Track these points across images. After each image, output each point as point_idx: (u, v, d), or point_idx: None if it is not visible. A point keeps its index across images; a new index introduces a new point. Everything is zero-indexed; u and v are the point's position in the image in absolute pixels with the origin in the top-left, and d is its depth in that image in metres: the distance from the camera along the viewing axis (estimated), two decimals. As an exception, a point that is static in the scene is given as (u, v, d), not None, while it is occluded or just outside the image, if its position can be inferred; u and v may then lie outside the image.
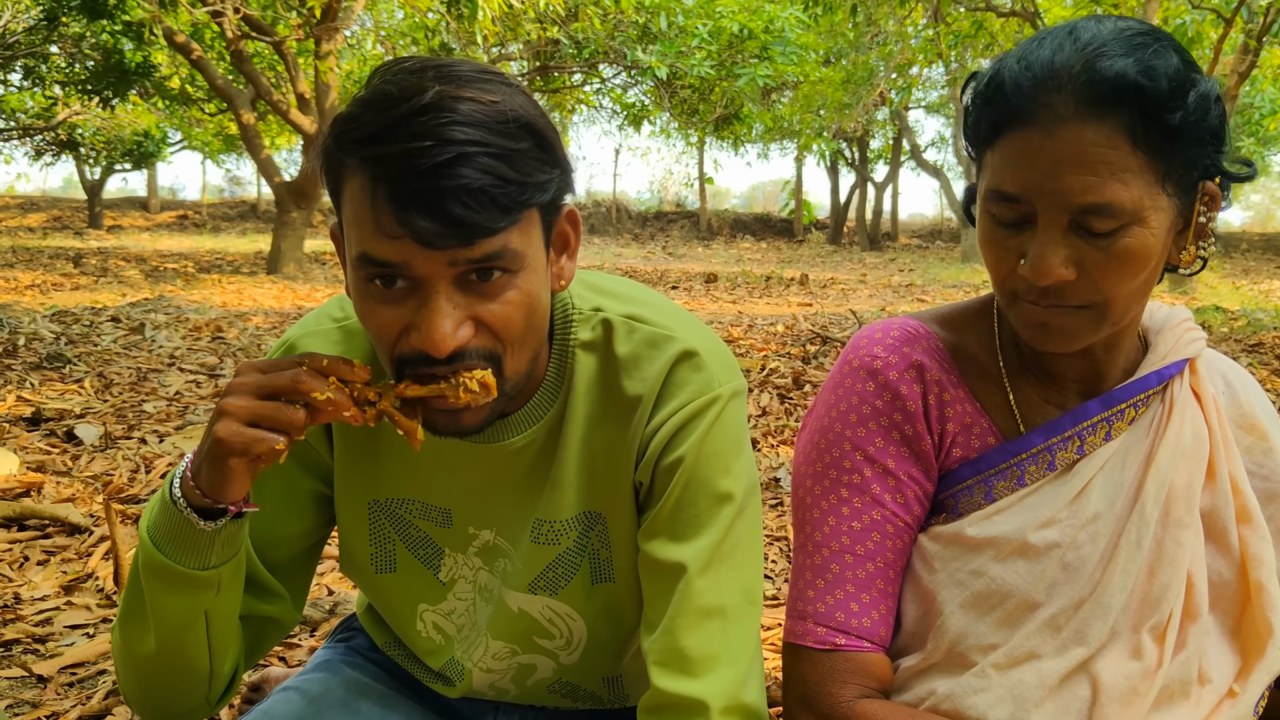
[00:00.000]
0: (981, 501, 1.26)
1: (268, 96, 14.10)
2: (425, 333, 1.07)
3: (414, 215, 1.02)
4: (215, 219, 33.74)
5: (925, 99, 31.86)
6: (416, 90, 1.04)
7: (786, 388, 6.29)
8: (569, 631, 1.39)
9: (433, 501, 1.36)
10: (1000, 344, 1.31)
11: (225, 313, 10.14)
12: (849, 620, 1.23)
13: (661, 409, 1.26)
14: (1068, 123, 1.06)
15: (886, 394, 1.26)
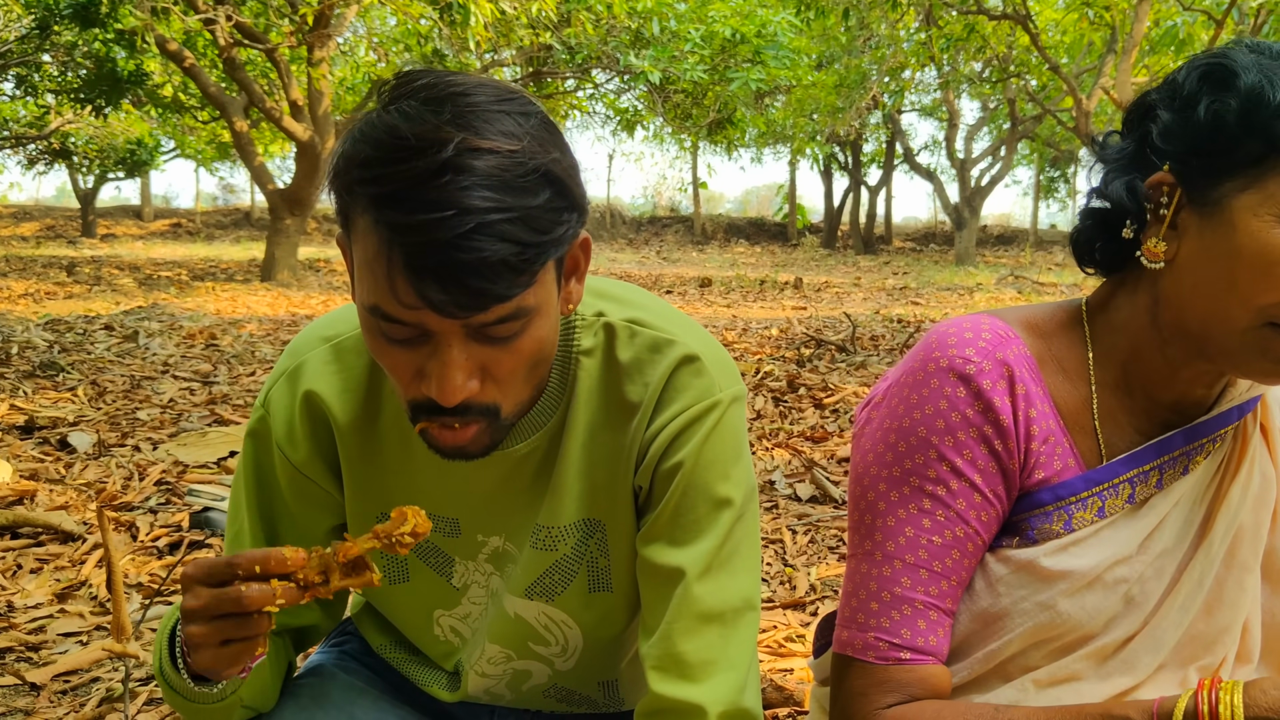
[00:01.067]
0: (1060, 530, 1.18)
1: (261, 104, 14.10)
2: (436, 384, 1.06)
3: (430, 287, 1.00)
4: (209, 227, 33.74)
5: (918, 102, 31.90)
6: (434, 141, 0.98)
7: (781, 391, 6.30)
8: (565, 639, 1.39)
9: (440, 512, 1.35)
10: (1094, 360, 1.22)
11: (219, 320, 10.13)
12: (915, 638, 1.16)
13: (661, 413, 1.26)
14: None
15: (979, 403, 1.15)
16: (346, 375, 1.31)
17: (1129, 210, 1.15)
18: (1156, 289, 1.14)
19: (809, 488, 4.21)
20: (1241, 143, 1.05)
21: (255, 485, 1.36)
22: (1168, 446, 1.18)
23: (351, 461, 1.34)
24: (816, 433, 5.21)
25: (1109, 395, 1.22)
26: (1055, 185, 40.62)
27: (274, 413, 1.33)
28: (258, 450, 1.35)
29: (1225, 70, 1.07)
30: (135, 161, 26.50)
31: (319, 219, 32.60)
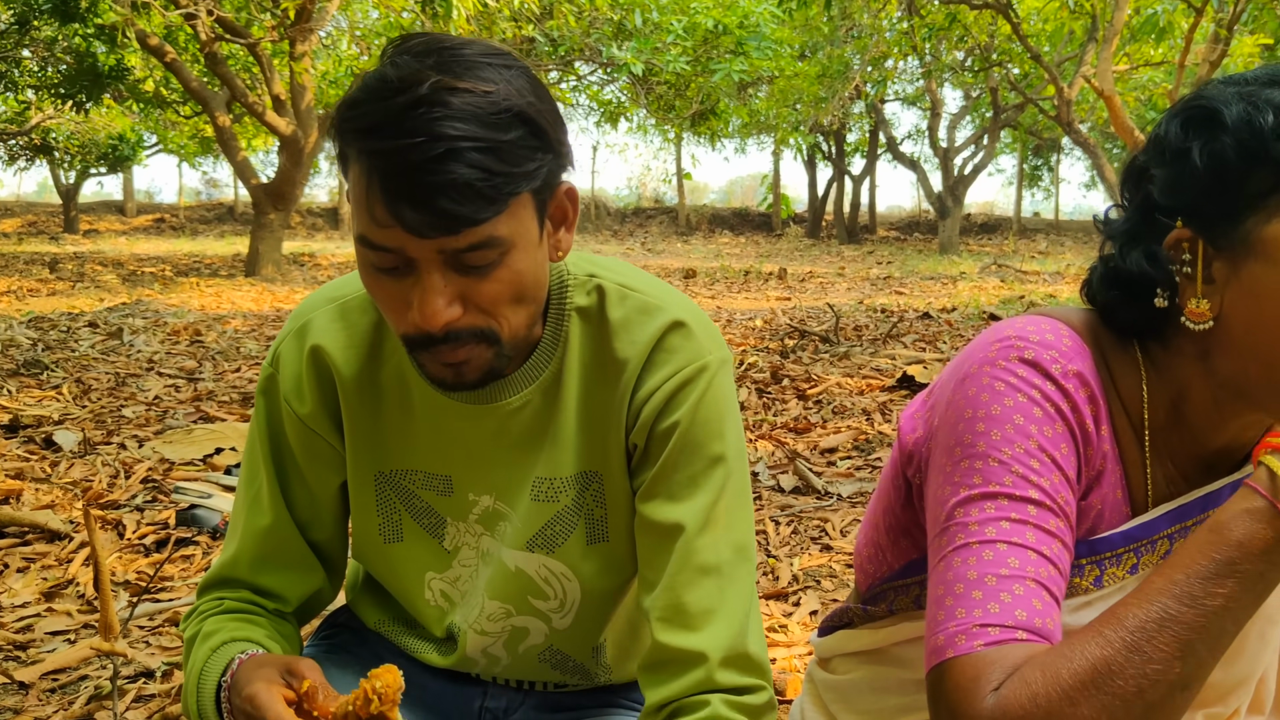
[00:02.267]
0: (1090, 586, 1.13)
1: (243, 99, 14.05)
2: (418, 309, 1.14)
3: (403, 207, 1.08)
4: (192, 222, 33.62)
5: (901, 91, 31.94)
6: (414, 80, 1.08)
7: (765, 382, 6.33)
8: (563, 593, 1.42)
9: (434, 470, 1.40)
10: (1149, 393, 1.15)
11: (204, 316, 10.12)
12: (1032, 618, 0.98)
13: (652, 375, 1.32)
14: None
15: (1068, 401, 1.08)
16: (351, 332, 1.38)
17: (1157, 279, 1.09)
18: (1206, 343, 1.08)
19: (792, 479, 4.25)
20: (1249, 176, 1.02)
21: (269, 442, 1.43)
22: (1214, 500, 1.13)
23: (353, 415, 1.40)
24: (800, 424, 5.24)
25: (1159, 432, 1.16)
26: (1039, 173, 40.75)
27: (282, 368, 1.40)
28: (269, 406, 1.42)
29: (1206, 111, 1.05)
30: (117, 157, 26.38)
31: (303, 213, 32.53)
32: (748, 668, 1.29)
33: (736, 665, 1.28)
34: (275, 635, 1.41)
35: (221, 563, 1.45)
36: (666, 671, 1.29)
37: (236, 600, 1.43)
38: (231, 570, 1.43)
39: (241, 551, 1.43)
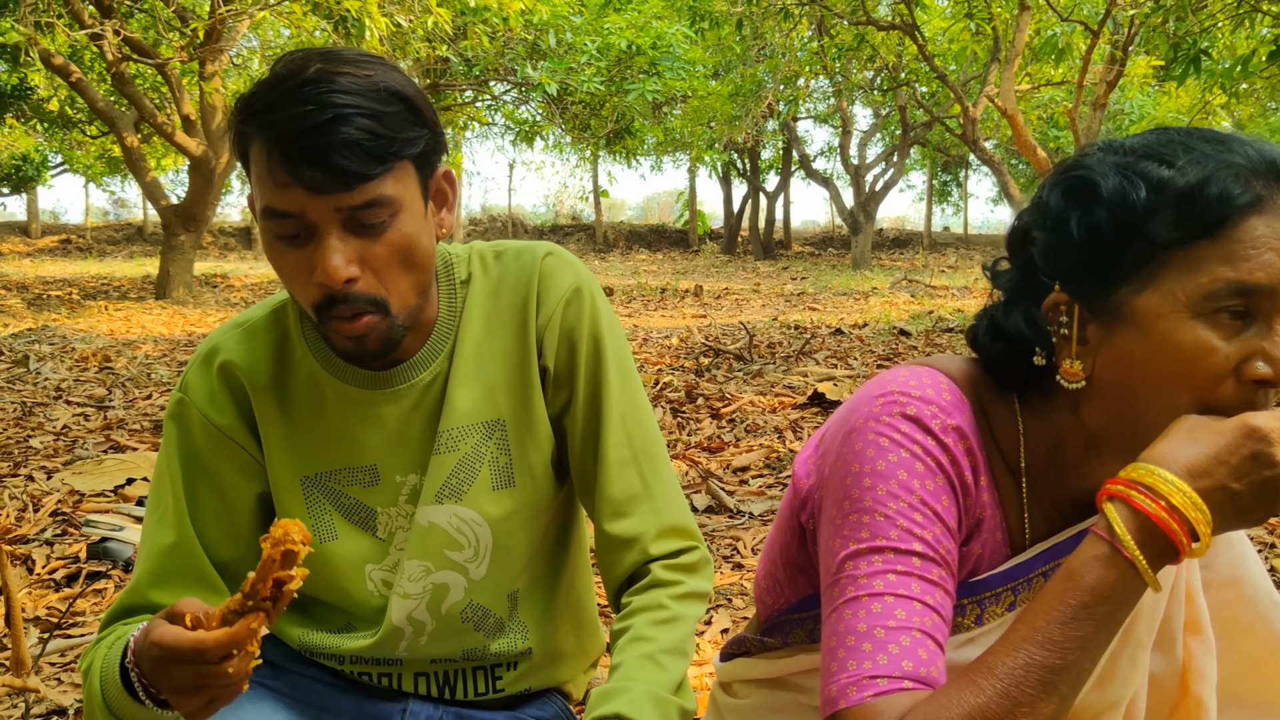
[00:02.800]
0: (971, 624, 1.20)
1: (151, 119, 13.84)
2: (320, 268, 1.27)
3: (302, 167, 1.23)
4: (100, 243, 32.87)
5: (813, 110, 32.41)
6: (302, 69, 1.25)
7: (680, 401, 6.42)
8: (476, 539, 1.51)
9: (358, 463, 1.50)
10: (1025, 440, 1.21)
11: (113, 341, 9.95)
12: (917, 668, 1.03)
13: (547, 298, 1.49)
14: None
15: (947, 455, 1.13)
16: (257, 348, 1.49)
17: (1034, 340, 1.15)
18: (1078, 398, 1.14)
19: (704, 498, 4.33)
20: (1122, 249, 1.06)
21: (180, 464, 1.49)
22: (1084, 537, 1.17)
23: (269, 425, 1.49)
24: (713, 443, 5.33)
25: (1036, 477, 1.21)
26: (948, 189, 41.66)
27: (192, 391, 1.49)
28: (180, 431, 1.49)
29: (1084, 182, 1.10)
30: (21, 178, 25.78)
31: (215, 233, 32.01)
32: (677, 535, 1.51)
33: (667, 536, 1.50)
34: None
35: (123, 592, 1.48)
36: (614, 555, 1.50)
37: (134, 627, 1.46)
38: (131, 597, 1.46)
39: (143, 574, 1.47)
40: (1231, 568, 1.31)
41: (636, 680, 1.33)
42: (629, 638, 1.40)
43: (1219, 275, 1.02)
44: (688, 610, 1.44)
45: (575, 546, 1.68)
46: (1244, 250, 1.02)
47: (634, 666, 1.35)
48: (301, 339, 1.49)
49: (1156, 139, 1.10)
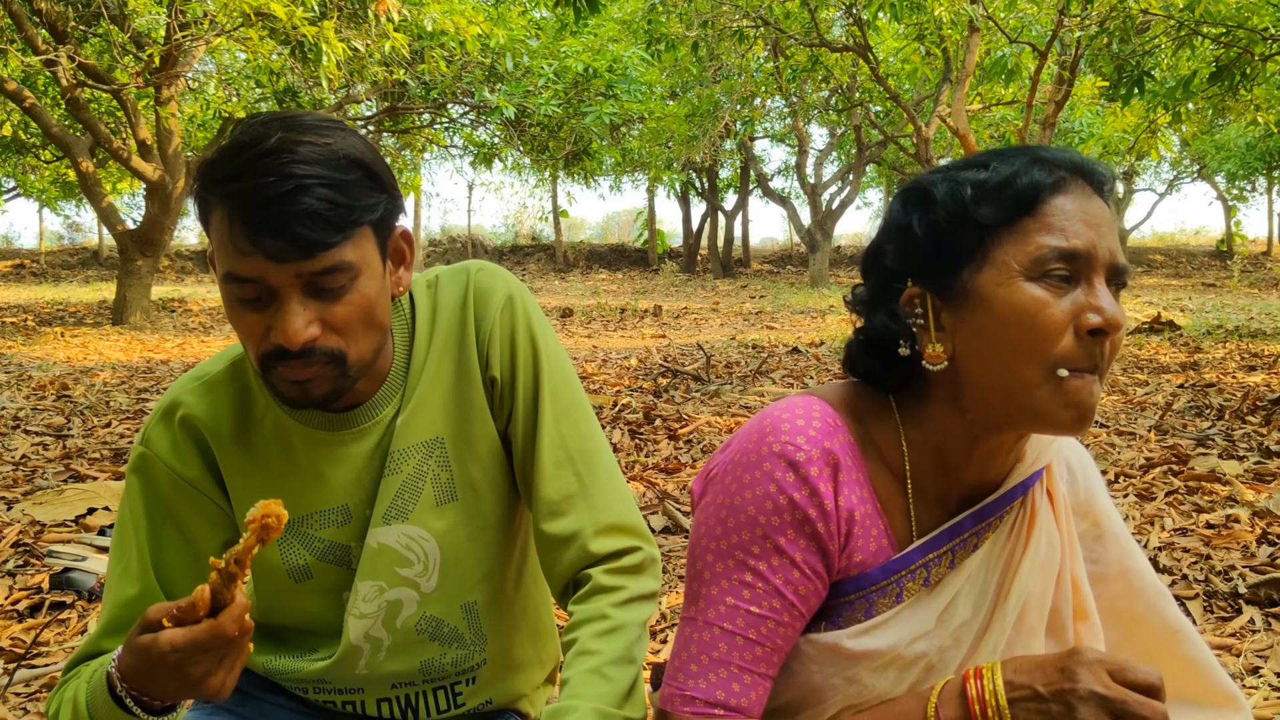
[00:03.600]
0: (861, 617, 1.30)
1: (107, 144, 13.78)
2: (280, 329, 1.31)
3: (264, 236, 1.26)
4: (55, 267, 32.53)
5: (770, 129, 32.70)
6: (264, 137, 1.29)
7: (638, 423, 6.49)
8: (424, 554, 1.55)
9: (330, 505, 1.54)
10: (907, 446, 1.32)
11: (70, 368, 9.90)
12: (729, 698, 1.25)
13: (486, 311, 1.55)
14: (1094, 198, 1.22)
15: (805, 489, 1.24)
16: (218, 402, 1.52)
17: (897, 332, 1.28)
18: (952, 383, 1.26)
19: (661, 519, 4.40)
20: (958, 237, 1.22)
21: (146, 517, 1.52)
22: (959, 530, 1.31)
23: (234, 475, 1.52)
24: (670, 464, 5.41)
25: (921, 478, 1.33)
26: (904, 206, 41.91)
27: (155, 444, 1.52)
28: (143, 483, 1.52)
29: (922, 191, 1.27)
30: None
31: (172, 256, 31.75)
32: (620, 533, 1.52)
33: (608, 534, 1.51)
34: None
35: (87, 638, 1.52)
36: (552, 555, 1.52)
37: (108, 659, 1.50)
38: (94, 645, 1.50)
39: (106, 623, 1.51)
40: (1120, 561, 1.42)
41: (583, 698, 1.36)
42: (574, 652, 1.43)
43: (1043, 244, 1.18)
44: (632, 616, 1.46)
45: (533, 557, 1.70)
46: (1059, 221, 1.19)
47: (580, 683, 1.38)
48: (262, 391, 1.51)
49: (972, 158, 1.28)
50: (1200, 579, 3.47)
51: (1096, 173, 1.24)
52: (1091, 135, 18.61)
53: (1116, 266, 1.21)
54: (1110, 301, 1.19)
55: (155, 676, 1.24)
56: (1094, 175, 1.24)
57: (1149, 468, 4.97)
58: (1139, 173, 37.30)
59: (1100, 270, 1.20)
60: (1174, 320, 12.65)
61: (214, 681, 1.23)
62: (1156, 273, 32.12)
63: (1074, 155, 1.25)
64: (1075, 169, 1.23)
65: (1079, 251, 1.18)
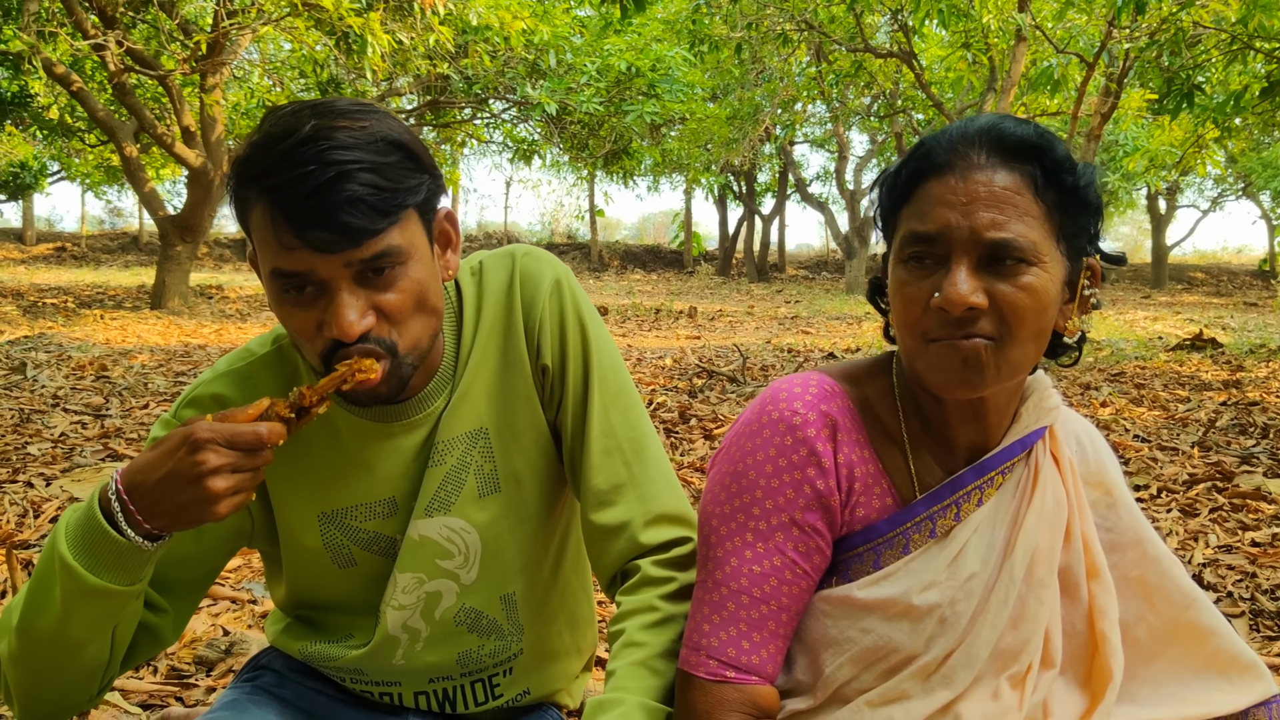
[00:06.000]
0: (870, 569, 1.34)
1: (151, 130, 13.89)
2: (334, 324, 1.28)
3: (309, 229, 1.23)
4: (95, 251, 32.88)
5: (810, 134, 32.59)
6: (297, 126, 1.25)
7: (673, 422, 6.47)
8: (465, 546, 1.53)
9: (377, 498, 1.52)
10: (902, 408, 1.39)
11: (109, 350, 9.97)
12: (739, 656, 1.30)
13: (535, 297, 1.52)
14: (982, 169, 1.23)
15: (803, 449, 1.31)
16: (258, 390, 1.48)
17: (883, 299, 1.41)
18: None
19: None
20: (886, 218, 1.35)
21: None
22: (960, 484, 1.35)
23: (276, 466, 1.49)
24: (705, 463, 5.38)
25: (918, 440, 1.39)
26: (942, 215, 41.68)
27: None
28: None
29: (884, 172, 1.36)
30: (19, 185, 25.81)
31: (211, 244, 32.03)
32: (670, 523, 1.51)
33: (657, 524, 1.49)
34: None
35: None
36: (601, 546, 1.51)
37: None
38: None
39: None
40: (1134, 529, 1.45)
41: (630, 691, 1.35)
42: (622, 643, 1.42)
43: (906, 228, 1.28)
44: (680, 608, 1.44)
45: (573, 546, 1.70)
46: (922, 206, 1.26)
47: (627, 675, 1.37)
48: (312, 375, 1.48)
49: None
50: (1246, 597, 3.41)
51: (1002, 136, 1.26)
52: (1137, 149, 18.41)
53: (987, 242, 1.22)
54: (960, 280, 1.21)
55: (167, 480, 1.23)
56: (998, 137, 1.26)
57: (1192, 483, 4.89)
58: (1182, 189, 36.93)
59: (961, 250, 1.23)
60: (1215, 338, 12.49)
61: (220, 487, 1.21)
62: (1197, 290, 31.79)
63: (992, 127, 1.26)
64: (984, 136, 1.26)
65: (931, 235, 1.24)
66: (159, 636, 1.50)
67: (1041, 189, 1.24)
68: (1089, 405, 7.40)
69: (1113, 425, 6.50)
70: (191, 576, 1.52)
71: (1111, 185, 25.89)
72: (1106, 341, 12.73)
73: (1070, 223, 1.27)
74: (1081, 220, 1.29)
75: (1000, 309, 1.23)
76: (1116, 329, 15.24)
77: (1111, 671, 1.36)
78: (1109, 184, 25.45)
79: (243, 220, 1.32)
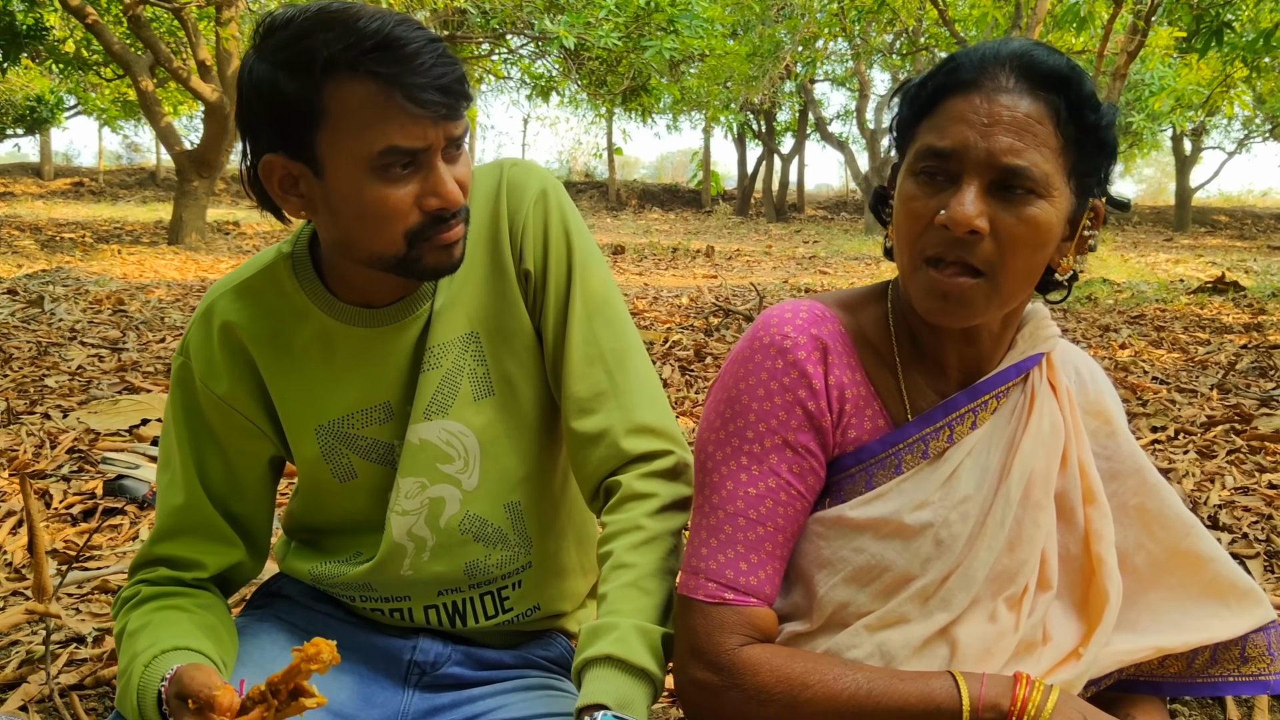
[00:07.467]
0: (862, 489, 1.36)
1: (167, 64, 13.82)
2: (443, 191, 1.36)
3: (433, 97, 1.30)
4: (113, 186, 32.87)
5: (831, 73, 32.20)
6: (376, 12, 1.31)
7: (688, 360, 6.46)
8: (464, 450, 1.55)
9: (372, 403, 1.55)
10: (895, 332, 1.40)
11: (126, 285, 10.01)
12: (737, 578, 1.31)
13: (519, 204, 1.55)
14: (1008, 93, 1.22)
15: (794, 372, 1.32)
16: (256, 307, 1.53)
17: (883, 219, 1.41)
18: None
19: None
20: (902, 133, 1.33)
21: (185, 426, 1.55)
22: (953, 406, 1.36)
23: (275, 379, 1.53)
24: (720, 401, 5.37)
25: (910, 364, 1.40)
26: (964, 156, 41.25)
27: (193, 354, 1.53)
28: (184, 393, 1.55)
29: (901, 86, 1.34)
30: (35, 119, 25.76)
31: (228, 180, 31.96)
32: (651, 435, 1.51)
33: (639, 433, 1.51)
34: (195, 609, 1.52)
35: (143, 546, 1.57)
36: (583, 454, 1.52)
37: (155, 584, 1.55)
38: (149, 551, 1.57)
39: (159, 531, 1.57)
40: (1133, 458, 1.45)
41: (623, 614, 1.36)
42: (611, 565, 1.43)
43: (923, 142, 1.26)
44: (666, 525, 1.46)
45: None
46: (942, 121, 1.25)
47: (619, 597, 1.38)
48: (300, 293, 1.51)
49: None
50: (1261, 538, 3.40)
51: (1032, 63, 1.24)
52: (1164, 88, 18.12)
53: (1002, 166, 1.21)
54: (968, 201, 1.21)
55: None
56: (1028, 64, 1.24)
57: (1210, 425, 4.87)
58: (1208, 130, 36.43)
59: (974, 170, 1.22)
60: (1238, 281, 12.37)
61: None
62: (1221, 233, 31.46)
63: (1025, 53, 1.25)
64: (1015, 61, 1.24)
65: (947, 150, 1.23)
66: (244, 568, 1.63)
67: (1063, 122, 1.22)
68: (1108, 347, 7.35)
69: (1131, 367, 6.46)
70: (245, 510, 1.61)
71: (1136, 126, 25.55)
72: (1127, 284, 12.64)
73: (1084, 161, 1.26)
74: (1096, 160, 1.28)
75: (1000, 237, 1.23)
76: (1138, 271, 15.12)
77: (1108, 594, 1.36)
78: (1134, 124, 25.12)
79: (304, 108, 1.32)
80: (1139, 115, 24.43)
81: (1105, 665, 1.38)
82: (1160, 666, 1.43)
